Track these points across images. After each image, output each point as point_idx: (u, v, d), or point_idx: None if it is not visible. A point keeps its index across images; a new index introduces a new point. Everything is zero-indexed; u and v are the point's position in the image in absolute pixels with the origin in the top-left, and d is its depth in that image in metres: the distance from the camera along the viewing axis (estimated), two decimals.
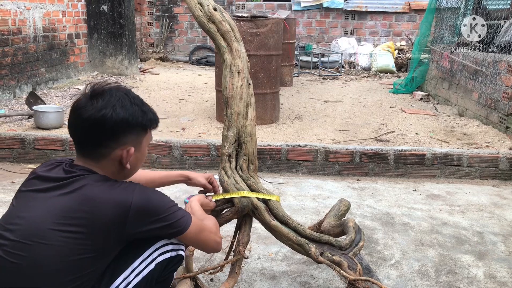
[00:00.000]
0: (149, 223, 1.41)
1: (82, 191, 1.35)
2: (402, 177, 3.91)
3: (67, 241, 1.30)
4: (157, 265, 1.51)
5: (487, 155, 3.89)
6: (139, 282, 1.46)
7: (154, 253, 1.51)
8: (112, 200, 1.35)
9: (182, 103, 6.00)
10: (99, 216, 1.33)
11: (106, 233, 1.34)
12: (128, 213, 1.35)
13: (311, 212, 3.13)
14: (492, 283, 2.34)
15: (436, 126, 5.15)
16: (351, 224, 2.22)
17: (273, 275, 2.37)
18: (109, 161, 1.45)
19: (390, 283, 2.31)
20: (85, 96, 1.43)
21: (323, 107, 5.98)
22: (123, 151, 1.44)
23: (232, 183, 2.12)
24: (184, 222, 1.51)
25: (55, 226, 1.31)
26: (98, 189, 1.36)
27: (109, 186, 1.39)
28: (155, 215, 1.42)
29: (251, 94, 2.25)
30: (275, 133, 4.66)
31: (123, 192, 1.38)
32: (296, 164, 3.94)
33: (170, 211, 1.46)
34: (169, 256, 1.55)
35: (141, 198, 1.39)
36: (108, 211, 1.33)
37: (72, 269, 1.32)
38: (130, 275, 1.45)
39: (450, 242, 2.76)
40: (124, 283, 1.44)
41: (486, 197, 3.51)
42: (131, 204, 1.36)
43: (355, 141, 4.42)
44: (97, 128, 1.39)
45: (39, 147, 3.96)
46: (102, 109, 1.39)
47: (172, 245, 1.57)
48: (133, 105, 1.45)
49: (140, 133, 1.49)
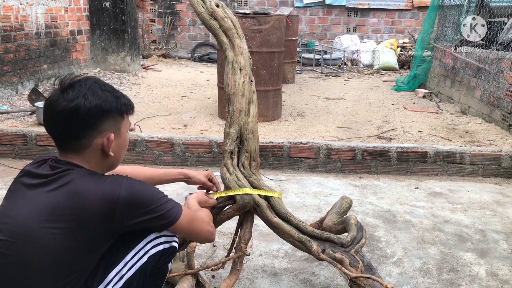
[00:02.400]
0: (138, 215, 1.40)
1: (69, 186, 1.34)
2: (404, 174, 3.90)
3: (55, 238, 1.30)
4: (150, 258, 1.51)
5: (489, 153, 3.88)
6: (132, 275, 1.46)
7: (147, 245, 1.51)
8: (99, 193, 1.34)
9: (184, 100, 6.00)
10: (87, 211, 1.32)
11: (95, 227, 1.34)
12: (116, 206, 1.35)
13: (312, 209, 3.12)
14: (494, 281, 2.34)
15: (439, 123, 5.14)
16: (352, 222, 2.22)
17: (274, 272, 2.37)
18: (91, 151, 1.43)
19: (391, 281, 2.31)
20: (56, 91, 1.42)
21: (325, 104, 5.97)
22: (104, 139, 1.43)
23: (234, 180, 2.12)
24: (174, 212, 1.50)
25: (43, 223, 1.30)
26: (85, 183, 1.36)
27: (96, 179, 1.38)
28: (144, 207, 1.41)
29: (253, 91, 2.25)
30: (277, 130, 4.65)
31: (110, 185, 1.37)
32: (298, 161, 3.94)
33: (159, 202, 1.46)
34: (162, 248, 1.56)
35: (129, 191, 1.38)
36: (96, 205, 1.33)
37: (63, 265, 1.32)
38: (123, 269, 1.45)
39: (452, 240, 2.75)
40: (117, 276, 1.44)
41: (488, 195, 3.50)
42: (119, 197, 1.35)
43: (357, 139, 4.41)
44: (73, 119, 1.38)
45: (41, 144, 3.97)
46: (74, 100, 1.38)
47: (164, 237, 1.57)
48: (104, 91, 1.44)
49: (117, 119, 1.47)
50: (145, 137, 3.93)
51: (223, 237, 2.61)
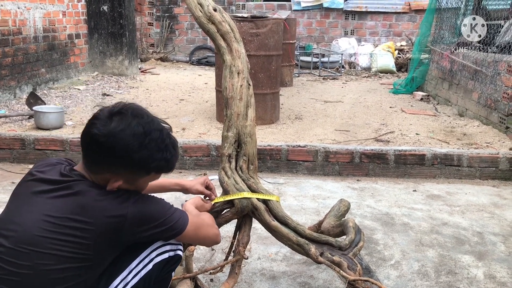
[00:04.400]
0: (146, 230, 1.42)
1: (78, 198, 1.34)
2: (402, 177, 3.91)
3: (61, 249, 1.30)
4: (155, 266, 1.51)
5: (487, 155, 3.89)
6: (137, 282, 1.47)
7: (152, 253, 1.51)
8: (107, 210, 1.34)
9: (182, 103, 6.01)
10: (93, 226, 1.33)
11: (102, 241, 1.34)
12: (124, 224, 1.36)
13: (311, 213, 3.13)
14: (492, 283, 2.34)
15: (436, 126, 5.15)
16: (351, 225, 2.22)
17: (273, 275, 2.37)
18: (100, 179, 1.42)
19: (390, 284, 2.31)
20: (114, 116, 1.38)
21: (323, 107, 5.98)
22: (111, 178, 1.40)
23: (232, 183, 2.12)
24: (182, 223, 1.52)
25: (50, 234, 1.30)
26: (93, 197, 1.35)
27: (104, 194, 1.38)
28: (152, 222, 1.43)
29: (251, 94, 2.26)
30: (275, 134, 4.66)
31: (118, 202, 1.37)
32: (296, 164, 3.94)
33: (166, 215, 1.47)
34: (167, 256, 1.55)
35: (136, 208, 1.39)
36: (103, 221, 1.33)
37: (68, 276, 1.32)
38: (128, 276, 1.45)
39: (450, 242, 2.76)
40: (122, 284, 1.44)
41: (486, 197, 3.51)
42: (127, 215, 1.36)
43: (355, 141, 4.42)
44: (98, 143, 1.36)
45: (39, 148, 3.96)
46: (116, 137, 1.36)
47: (169, 245, 1.57)
48: (162, 151, 1.43)
49: (139, 173, 1.44)
50: None
51: (222, 241, 2.61)
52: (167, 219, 1.46)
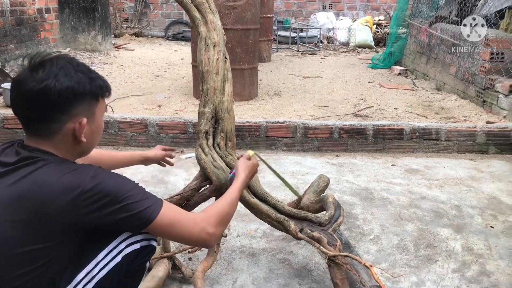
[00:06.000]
0: (105, 209, 1.26)
1: (32, 177, 1.24)
2: (380, 152, 3.90)
3: (16, 230, 1.21)
4: (124, 258, 1.38)
5: (464, 129, 3.91)
6: (104, 276, 1.35)
7: (121, 244, 1.38)
8: (63, 185, 1.22)
9: (158, 79, 5.87)
10: (48, 203, 1.21)
11: (58, 221, 1.23)
12: (80, 198, 1.22)
13: None
14: (470, 255, 2.36)
15: (415, 100, 5.16)
16: (330, 200, 2.20)
17: (252, 252, 2.34)
18: (61, 137, 1.32)
19: (369, 258, 2.31)
20: (25, 70, 1.30)
21: (302, 83, 5.93)
22: (75, 124, 1.31)
23: (210, 160, 2.06)
24: (150, 212, 1.32)
25: (4, 216, 1.21)
26: (50, 174, 1.25)
27: (62, 169, 1.26)
28: (112, 202, 1.26)
29: (228, 68, 2.18)
30: (254, 110, 4.59)
31: (76, 176, 1.25)
32: (276, 140, 3.90)
33: (131, 199, 1.29)
34: (139, 246, 1.41)
35: (96, 182, 1.25)
36: (59, 197, 1.22)
37: (24, 260, 1.22)
38: (94, 269, 1.34)
39: (429, 216, 2.77)
40: (87, 277, 1.33)
41: (463, 170, 3.54)
42: (83, 188, 1.23)
43: (334, 117, 4.39)
44: (42, 101, 1.27)
45: (9, 126, 3.82)
46: (43, 80, 1.26)
47: (142, 235, 1.42)
48: (77, 72, 1.32)
49: (91, 103, 1.35)
50: (118, 118, 3.82)
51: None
52: (132, 204, 1.28)
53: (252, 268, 2.20)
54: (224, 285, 2.07)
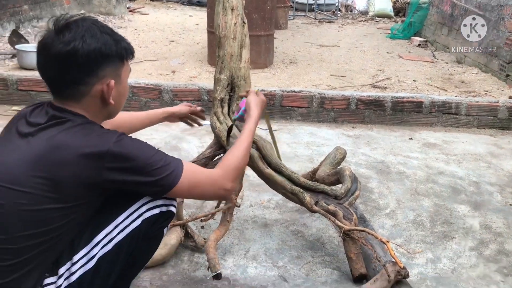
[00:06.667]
0: (126, 175, 1.26)
1: (59, 138, 1.23)
2: (398, 124, 3.82)
3: (39, 188, 1.20)
4: (144, 222, 1.38)
5: (486, 104, 3.80)
6: (122, 239, 1.35)
7: (141, 208, 1.39)
8: (87, 147, 1.22)
9: (172, 45, 5.78)
10: (71, 165, 1.20)
11: (78, 183, 1.22)
12: (102, 161, 1.22)
13: (304, 160, 3.05)
14: (488, 234, 2.31)
15: (434, 73, 5.02)
16: (347, 173, 2.14)
17: (265, 223, 2.31)
18: (90, 99, 1.31)
19: (384, 233, 2.27)
20: (50, 32, 1.28)
21: (318, 52, 5.79)
22: (103, 85, 1.31)
23: (225, 129, 2.01)
24: (170, 179, 1.33)
25: (29, 172, 1.21)
26: (76, 135, 1.24)
27: (88, 133, 1.26)
28: (134, 167, 1.27)
29: (246, 33, 2.11)
30: (269, 78, 4.50)
31: (100, 140, 1.25)
32: (290, 110, 3.82)
33: (153, 165, 1.29)
34: (158, 211, 1.42)
35: (119, 146, 1.25)
36: (81, 159, 1.21)
37: (42, 220, 1.21)
38: (113, 231, 1.34)
39: (446, 192, 2.71)
40: (106, 239, 1.33)
41: (483, 146, 3.45)
42: (106, 152, 1.23)
43: (351, 87, 4.29)
44: (70, 63, 1.26)
45: (23, 88, 3.79)
46: (70, 42, 1.25)
47: (162, 200, 1.43)
48: (103, 34, 1.30)
49: (117, 64, 1.34)
50: (132, 83, 3.76)
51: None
52: (154, 170, 1.30)
53: (265, 239, 2.17)
54: (236, 254, 2.05)
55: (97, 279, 1.33)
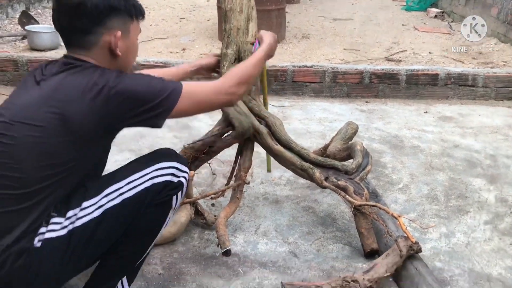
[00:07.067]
0: (128, 106, 1.34)
1: (67, 78, 1.33)
2: (413, 98, 3.74)
3: (50, 120, 1.28)
4: (154, 185, 1.43)
5: (504, 75, 3.69)
6: (130, 196, 1.41)
7: (154, 172, 1.44)
8: (88, 83, 1.31)
9: (183, 22, 5.71)
10: (74, 100, 1.29)
11: (83, 118, 1.30)
12: (103, 96, 1.30)
13: (316, 136, 3.01)
14: (503, 207, 2.26)
15: (451, 44, 4.89)
16: (358, 148, 2.11)
17: (276, 199, 2.29)
18: (99, 49, 1.39)
19: (397, 208, 2.23)
20: None
21: (331, 26, 5.68)
22: (111, 36, 1.39)
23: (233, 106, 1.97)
24: (171, 97, 1.40)
25: (41, 108, 1.30)
26: (81, 75, 1.33)
27: (91, 72, 1.34)
28: (135, 98, 1.34)
29: (252, 6, 2.05)
30: (281, 53, 4.43)
31: (100, 77, 1.33)
32: (303, 86, 3.76)
33: (152, 91, 1.37)
34: (169, 179, 1.46)
35: (118, 81, 1.33)
36: (83, 94, 1.30)
37: (54, 153, 1.30)
38: (124, 187, 1.41)
39: (462, 166, 2.65)
40: (115, 193, 1.40)
41: (500, 118, 3.36)
42: (105, 86, 1.30)
43: (365, 61, 4.20)
44: (80, 12, 1.34)
45: None
46: None
47: (174, 169, 1.47)
48: None
49: (126, 19, 1.42)
50: (141, 61, 3.74)
51: (223, 165, 2.52)
52: (156, 93, 1.37)
53: (276, 215, 2.16)
54: (247, 231, 2.04)
55: (100, 230, 1.37)
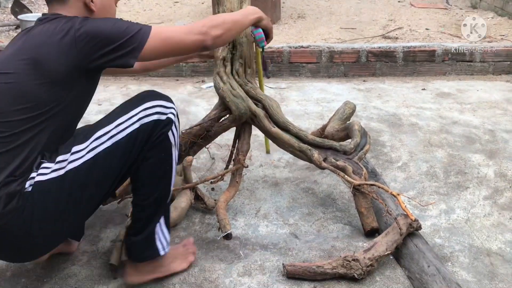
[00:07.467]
0: (95, 47, 1.35)
1: (41, 27, 1.37)
2: (410, 75, 3.72)
3: (21, 68, 1.33)
4: (143, 125, 1.45)
5: (501, 49, 3.67)
6: (122, 138, 1.42)
7: (140, 113, 1.45)
8: (57, 28, 1.35)
9: (177, 6, 5.66)
10: (45, 44, 1.34)
11: (55, 60, 1.34)
12: (70, 39, 1.34)
13: (314, 117, 3.00)
14: (503, 182, 2.26)
15: (447, 20, 4.84)
16: (356, 127, 2.10)
17: (275, 182, 2.30)
18: (74, 3, 1.44)
19: (397, 186, 2.24)
20: None
21: (327, 4, 5.62)
22: None
23: (228, 89, 1.97)
24: (139, 36, 1.39)
25: (16, 57, 1.36)
26: (54, 23, 1.37)
27: (62, 19, 1.38)
28: (101, 38, 1.35)
29: None
30: (277, 35, 4.39)
31: (68, 21, 1.37)
32: (299, 66, 3.74)
33: (118, 30, 1.37)
34: (156, 118, 1.47)
35: (84, 24, 1.36)
36: (52, 38, 1.34)
37: (27, 96, 1.33)
38: (113, 130, 1.42)
39: (460, 142, 2.65)
40: (106, 136, 1.41)
41: (498, 93, 3.35)
42: (71, 29, 1.34)
43: (361, 40, 4.17)
44: None
45: None
46: None
47: (160, 107, 1.48)
48: None
49: None
50: None
51: (222, 149, 2.52)
52: (122, 32, 1.38)
53: (275, 198, 2.16)
54: (247, 214, 2.05)
55: (95, 173, 1.40)
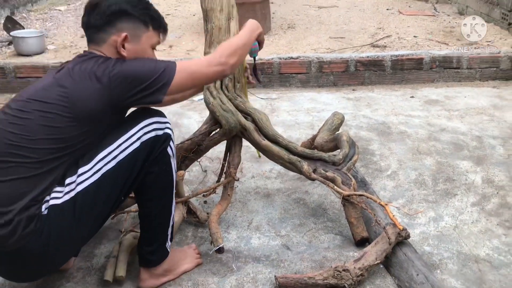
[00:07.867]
0: (127, 88, 1.44)
1: (78, 65, 1.46)
2: (399, 83, 3.78)
3: (58, 100, 1.41)
4: (143, 144, 1.52)
5: (487, 55, 3.73)
6: (124, 158, 1.49)
7: (140, 131, 1.53)
8: (92, 69, 1.43)
9: (169, 18, 5.70)
10: (79, 83, 1.43)
11: (88, 101, 1.42)
12: (103, 81, 1.42)
13: (305, 127, 3.04)
14: (490, 188, 2.31)
15: (435, 27, 4.92)
16: (344, 138, 2.14)
17: (267, 193, 2.33)
18: (108, 46, 1.52)
19: (386, 194, 2.28)
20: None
21: (317, 14, 5.69)
22: (118, 37, 1.51)
23: (218, 104, 2.01)
24: (167, 73, 1.49)
25: (53, 89, 1.44)
26: (89, 62, 1.46)
27: (97, 60, 1.47)
28: (132, 78, 1.45)
29: (233, 4, 2.07)
30: (267, 46, 4.44)
31: (103, 64, 1.45)
32: (289, 77, 3.79)
33: (148, 70, 1.47)
34: (154, 135, 1.55)
35: (117, 67, 1.45)
36: (86, 79, 1.42)
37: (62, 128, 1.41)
38: (115, 150, 1.49)
39: (448, 149, 2.70)
40: (109, 157, 1.48)
41: (486, 99, 3.41)
42: (105, 72, 1.43)
43: (350, 49, 4.22)
44: (96, 10, 1.51)
45: (22, 75, 3.80)
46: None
47: (156, 124, 1.56)
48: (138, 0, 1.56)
49: (138, 26, 1.54)
50: None
51: (213, 162, 2.56)
52: (151, 71, 1.48)
53: (267, 209, 2.20)
54: (239, 226, 2.08)
55: (102, 192, 1.47)
